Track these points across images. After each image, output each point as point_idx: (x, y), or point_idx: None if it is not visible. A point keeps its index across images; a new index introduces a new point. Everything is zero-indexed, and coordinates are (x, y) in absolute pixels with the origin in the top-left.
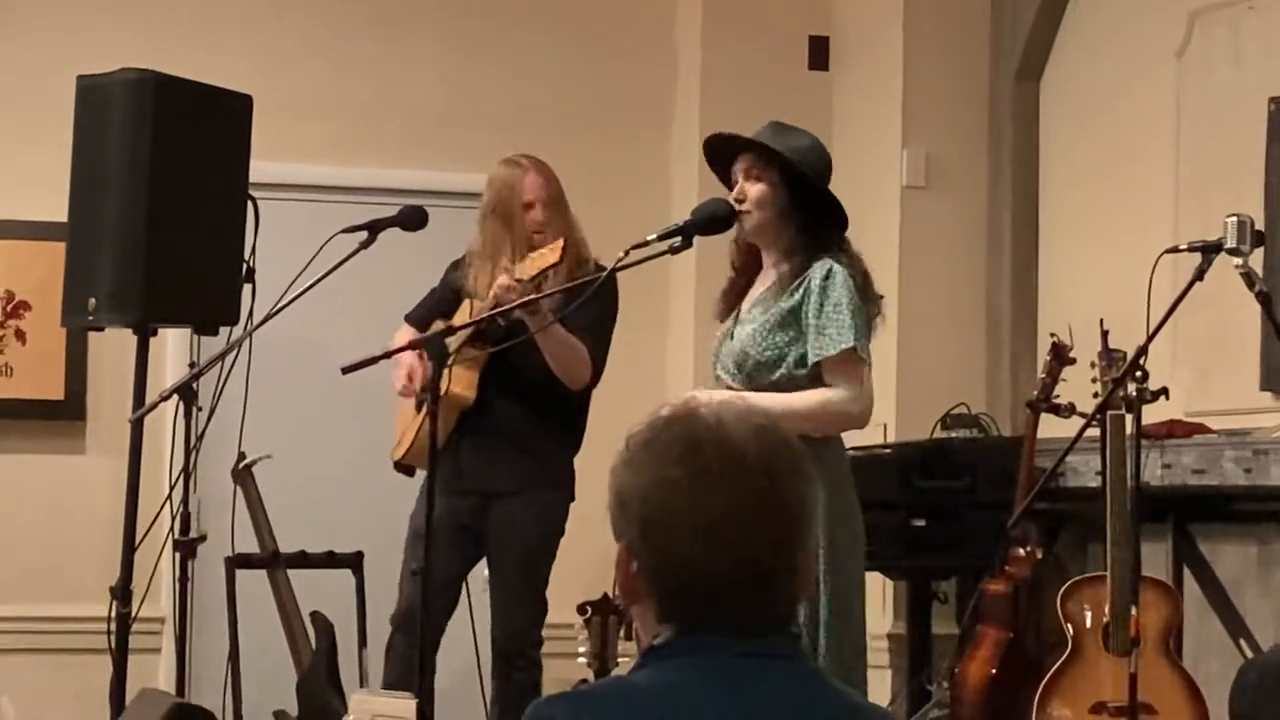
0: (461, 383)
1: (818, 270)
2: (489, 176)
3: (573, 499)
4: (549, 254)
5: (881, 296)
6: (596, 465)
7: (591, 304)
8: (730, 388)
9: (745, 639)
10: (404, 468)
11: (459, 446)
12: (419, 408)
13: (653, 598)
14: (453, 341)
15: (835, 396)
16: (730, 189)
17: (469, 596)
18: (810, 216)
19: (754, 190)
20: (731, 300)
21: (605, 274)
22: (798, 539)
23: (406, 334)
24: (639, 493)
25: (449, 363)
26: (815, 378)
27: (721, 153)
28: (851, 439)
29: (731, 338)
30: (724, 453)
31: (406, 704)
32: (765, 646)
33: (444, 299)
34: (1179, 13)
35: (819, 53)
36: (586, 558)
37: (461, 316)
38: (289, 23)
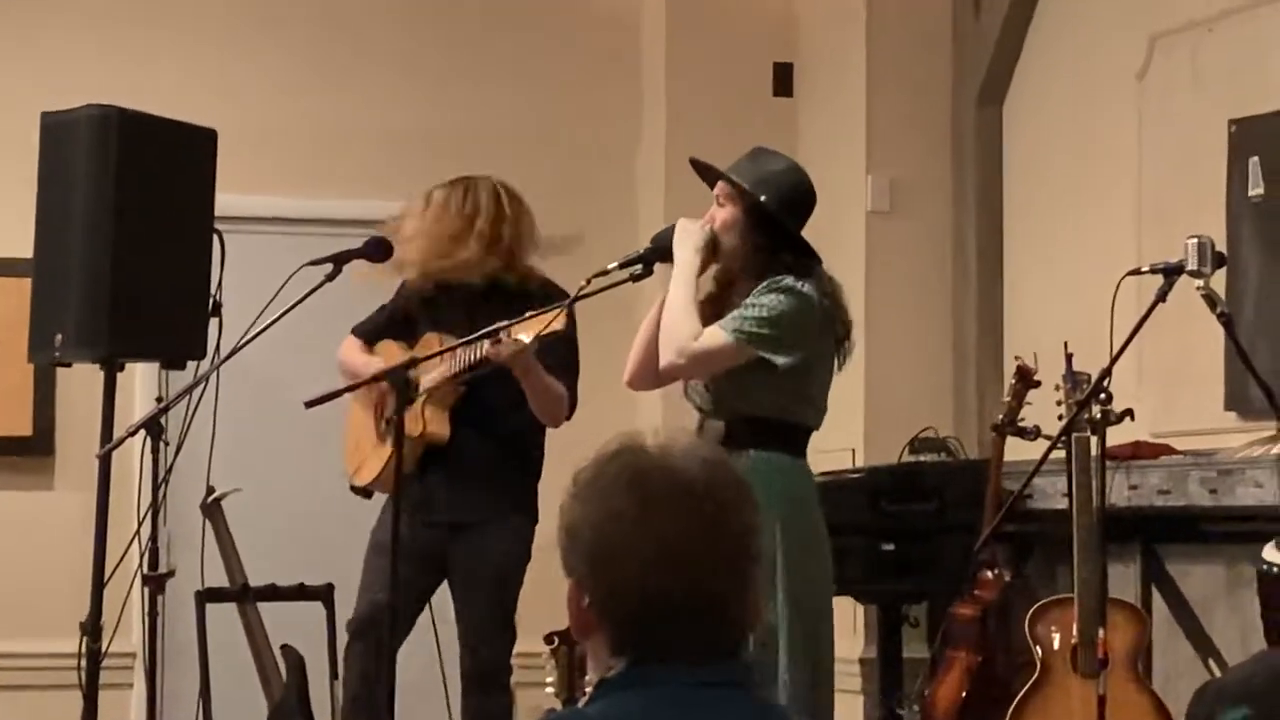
0: (434, 421)
1: (767, 283)
2: (434, 194)
3: (536, 521)
4: (550, 318)
5: (850, 323)
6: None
7: (562, 339)
8: (700, 409)
9: (697, 668)
10: (362, 490)
11: (427, 477)
12: (380, 435)
13: (604, 630)
14: (428, 382)
15: (702, 339)
16: None
17: (433, 619)
18: (779, 246)
19: (721, 216)
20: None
21: (566, 304)
22: (746, 566)
23: (353, 346)
24: (587, 525)
25: (420, 403)
26: (773, 386)
27: (705, 175)
28: (820, 464)
29: None
30: (670, 483)
31: None
32: (717, 674)
33: (395, 319)
34: (1139, 36)
35: (783, 79)
36: (555, 586)
37: (425, 347)
38: (252, 57)
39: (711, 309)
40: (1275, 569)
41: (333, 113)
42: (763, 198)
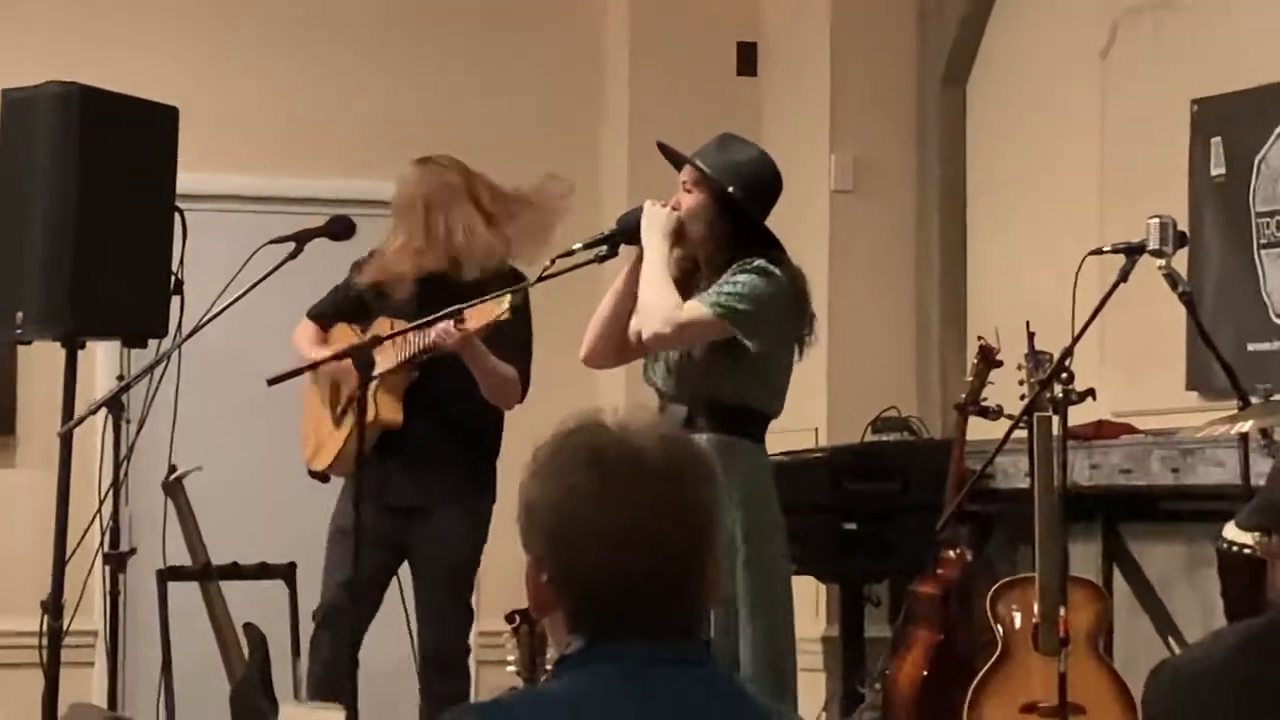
0: (388, 407)
1: (738, 264)
2: (400, 176)
3: (494, 501)
4: (494, 307)
5: (814, 316)
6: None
7: (514, 322)
8: (662, 393)
9: (655, 645)
10: (319, 474)
11: (384, 463)
12: (336, 419)
13: (563, 607)
14: (379, 368)
15: (685, 310)
16: None
17: (403, 601)
18: (744, 234)
19: (686, 202)
20: None
21: (529, 284)
22: (704, 544)
23: (308, 329)
24: (545, 503)
25: (372, 389)
26: (738, 371)
27: (671, 160)
28: (782, 443)
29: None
30: (628, 460)
31: (335, 715)
32: (675, 652)
33: (348, 301)
34: (1102, 15)
35: (747, 58)
36: (516, 565)
37: (377, 331)
38: (214, 34)
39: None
40: (1235, 547)
41: (295, 92)
42: (731, 188)
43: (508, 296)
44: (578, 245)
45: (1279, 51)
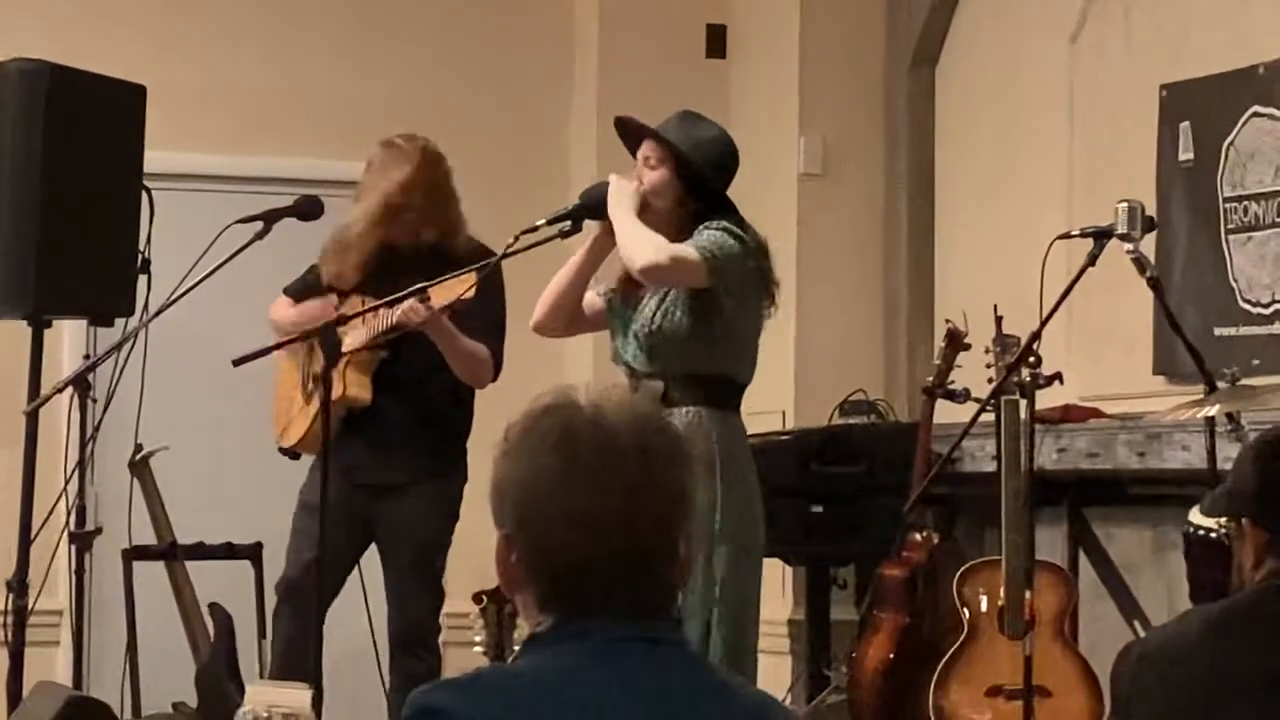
0: (355, 384)
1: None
2: (367, 159)
3: (465, 480)
4: (459, 285)
5: (778, 282)
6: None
7: (486, 300)
8: (634, 370)
9: (625, 624)
10: (289, 452)
11: (351, 441)
12: (306, 396)
13: (532, 587)
14: (348, 345)
15: (676, 247)
16: None
17: (362, 580)
18: (706, 207)
19: (650, 177)
20: (628, 286)
21: (495, 260)
22: (675, 524)
23: (284, 305)
24: (516, 482)
25: (342, 366)
26: (711, 340)
27: (630, 136)
28: (750, 426)
29: (632, 325)
30: (599, 440)
31: (301, 694)
32: (646, 631)
33: (320, 280)
34: None
35: (716, 41)
36: (485, 545)
37: (351, 309)
38: (182, 12)
39: (631, 280)
40: (1201, 531)
41: (263, 71)
42: (695, 161)
43: (473, 276)
44: (541, 221)
45: (1247, 37)
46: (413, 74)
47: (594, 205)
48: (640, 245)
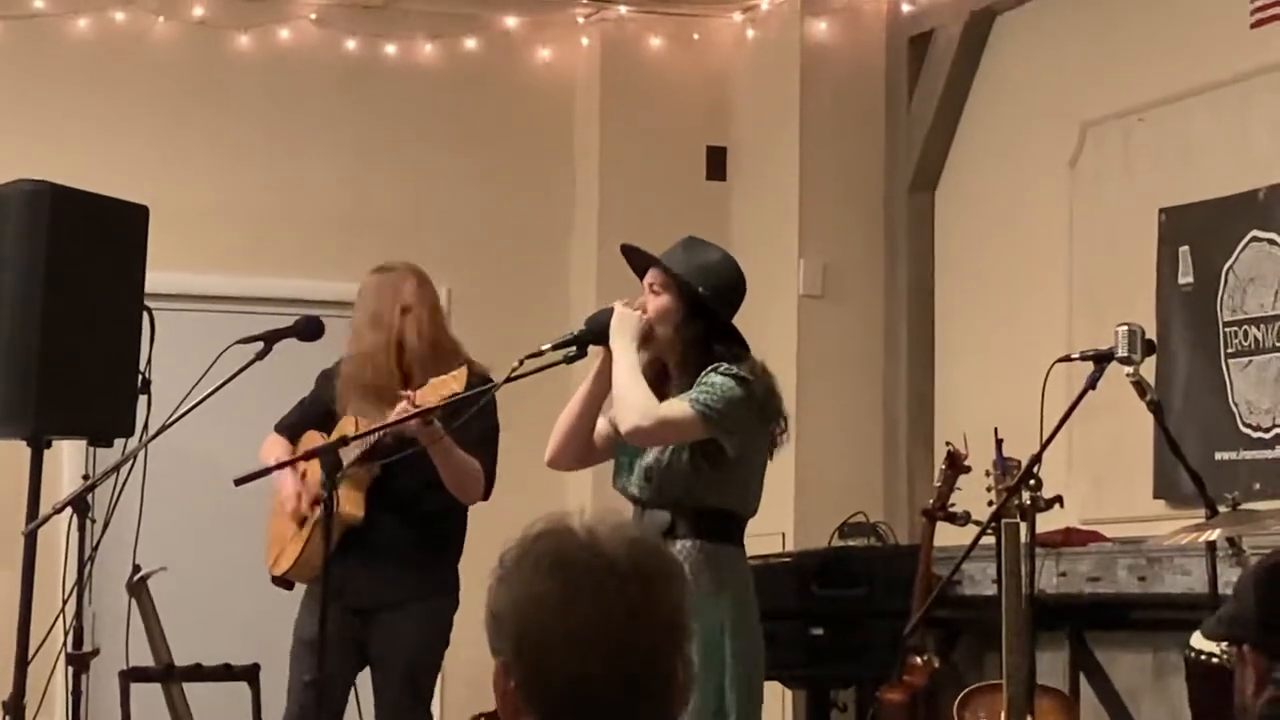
0: (350, 502)
1: (711, 368)
2: (361, 285)
3: (457, 606)
4: (451, 382)
5: (786, 416)
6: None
7: (480, 418)
8: (639, 501)
9: None
10: (282, 581)
11: (343, 562)
12: (299, 522)
13: (531, 713)
14: (345, 456)
15: (665, 407)
16: None
17: (358, 702)
18: (712, 336)
19: (655, 304)
20: None
21: (497, 385)
22: (673, 647)
23: (276, 443)
24: (512, 608)
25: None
26: (716, 478)
27: (637, 263)
28: (750, 548)
29: (639, 459)
30: (594, 565)
31: None
32: None
33: (316, 410)
34: (1071, 124)
35: (717, 163)
36: (483, 668)
37: (343, 432)
38: (186, 134)
39: None
40: (1203, 656)
41: (264, 192)
42: (701, 289)
43: (463, 371)
44: (546, 346)
45: (1246, 162)
46: (414, 198)
47: (599, 332)
48: (628, 407)
